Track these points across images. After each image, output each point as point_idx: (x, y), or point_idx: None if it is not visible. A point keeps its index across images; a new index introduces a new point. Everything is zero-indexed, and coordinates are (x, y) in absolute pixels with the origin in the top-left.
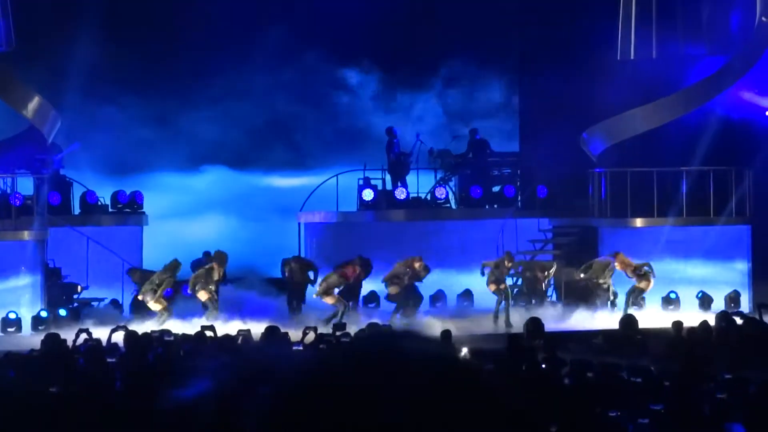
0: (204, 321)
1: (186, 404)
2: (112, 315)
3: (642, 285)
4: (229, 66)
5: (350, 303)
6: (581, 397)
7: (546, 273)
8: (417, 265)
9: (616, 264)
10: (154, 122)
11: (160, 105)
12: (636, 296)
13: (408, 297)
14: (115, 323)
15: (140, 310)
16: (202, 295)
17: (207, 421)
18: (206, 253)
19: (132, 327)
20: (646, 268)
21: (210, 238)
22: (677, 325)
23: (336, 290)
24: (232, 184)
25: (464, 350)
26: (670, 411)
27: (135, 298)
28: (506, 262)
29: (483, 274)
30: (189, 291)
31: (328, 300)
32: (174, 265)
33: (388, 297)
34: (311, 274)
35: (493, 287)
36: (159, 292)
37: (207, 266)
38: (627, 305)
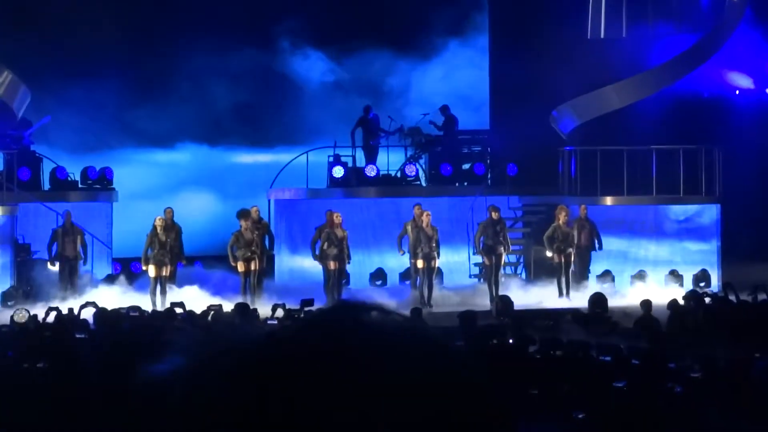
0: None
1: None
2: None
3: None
4: (201, 44)
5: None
6: (549, 373)
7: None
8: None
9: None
10: (126, 99)
11: (132, 82)
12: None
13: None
14: (84, 300)
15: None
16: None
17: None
18: None
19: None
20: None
21: (181, 215)
22: (646, 303)
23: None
24: (204, 162)
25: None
26: (633, 388)
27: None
28: (492, 213)
29: (475, 252)
30: (142, 267)
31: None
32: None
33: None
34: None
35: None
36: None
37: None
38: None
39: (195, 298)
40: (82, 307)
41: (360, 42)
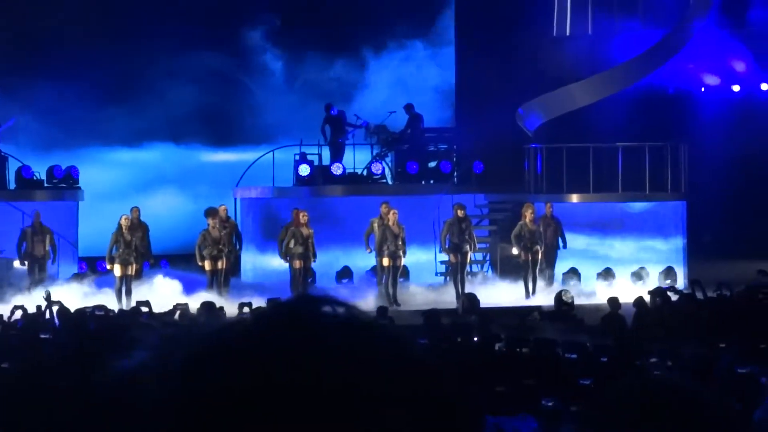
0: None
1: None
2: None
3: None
4: (167, 43)
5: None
6: (515, 370)
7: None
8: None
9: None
10: (92, 98)
11: (98, 81)
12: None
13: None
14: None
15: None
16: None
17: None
18: None
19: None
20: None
21: (148, 214)
22: (613, 300)
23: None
24: (171, 161)
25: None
26: (599, 386)
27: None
28: (458, 211)
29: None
30: (107, 266)
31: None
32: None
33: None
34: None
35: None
36: None
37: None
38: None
39: (161, 297)
40: (48, 306)
41: (327, 40)
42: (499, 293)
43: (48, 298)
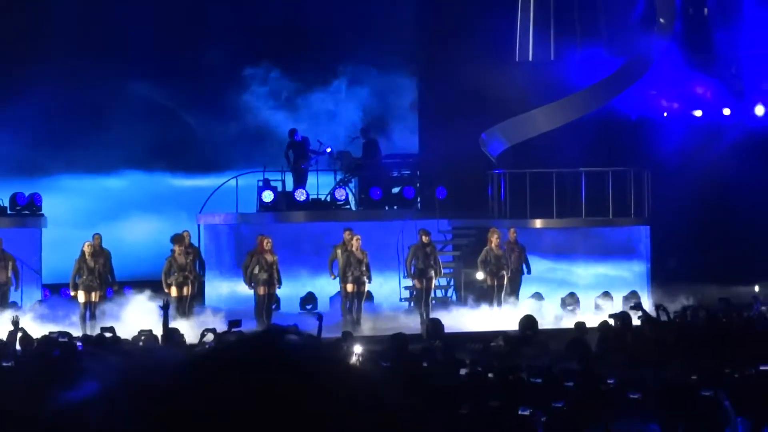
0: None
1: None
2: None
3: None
4: (131, 70)
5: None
6: (479, 394)
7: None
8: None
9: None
10: (55, 125)
11: (61, 108)
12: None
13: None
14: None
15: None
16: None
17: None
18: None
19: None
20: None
21: (111, 240)
22: (580, 325)
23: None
24: (134, 187)
25: (357, 350)
26: (572, 409)
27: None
28: (423, 237)
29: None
30: (71, 293)
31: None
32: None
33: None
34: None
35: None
36: None
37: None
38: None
39: (125, 324)
40: (11, 333)
41: (290, 66)
42: (463, 319)
43: (15, 324)
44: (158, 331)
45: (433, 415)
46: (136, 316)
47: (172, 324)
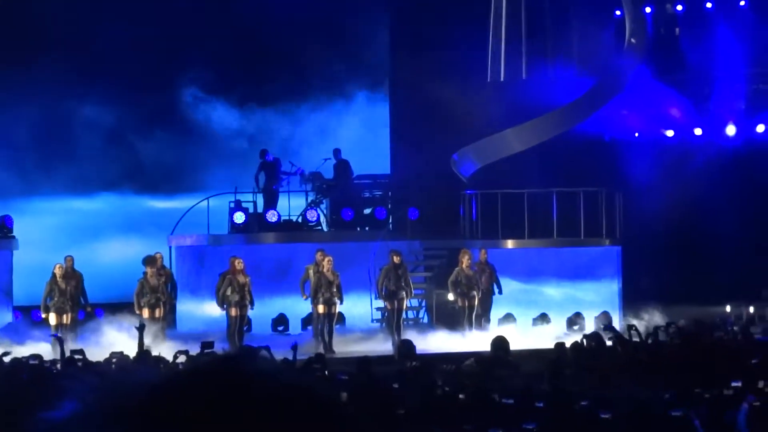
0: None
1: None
2: None
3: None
4: (102, 91)
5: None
6: (452, 415)
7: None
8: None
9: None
10: (24, 146)
11: (31, 129)
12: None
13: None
14: None
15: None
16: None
17: None
18: None
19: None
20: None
21: (82, 262)
22: (559, 346)
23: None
24: (105, 209)
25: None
26: (543, 429)
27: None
28: (394, 258)
29: (378, 296)
30: (42, 315)
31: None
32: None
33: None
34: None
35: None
36: None
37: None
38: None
39: (96, 346)
40: None
41: (261, 88)
42: (435, 340)
43: None
44: (130, 353)
45: None
46: (109, 339)
47: (145, 346)
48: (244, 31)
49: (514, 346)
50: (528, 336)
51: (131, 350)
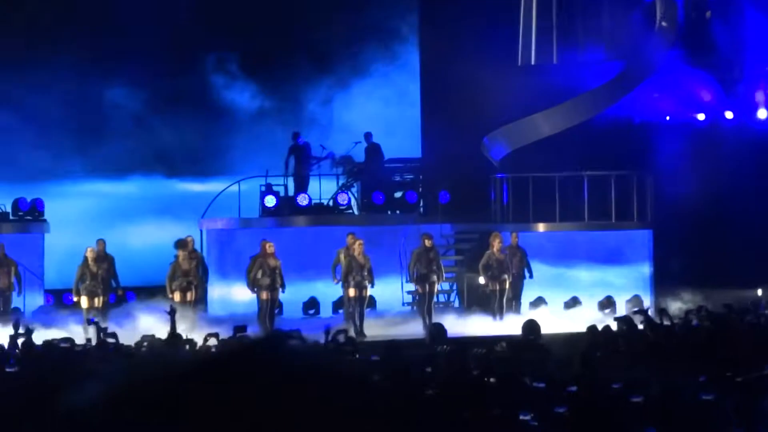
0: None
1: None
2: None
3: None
4: (132, 74)
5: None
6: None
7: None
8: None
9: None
10: (58, 130)
11: (63, 112)
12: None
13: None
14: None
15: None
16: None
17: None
18: None
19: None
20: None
21: (114, 246)
22: (592, 329)
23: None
24: (136, 192)
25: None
26: (574, 414)
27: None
28: (425, 241)
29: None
30: (74, 298)
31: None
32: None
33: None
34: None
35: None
36: None
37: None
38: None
39: (128, 330)
40: (13, 339)
41: (293, 71)
42: (466, 323)
43: (16, 327)
44: (162, 336)
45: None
46: (140, 322)
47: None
48: (276, 13)
49: (545, 330)
50: (559, 320)
51: (163, 333)
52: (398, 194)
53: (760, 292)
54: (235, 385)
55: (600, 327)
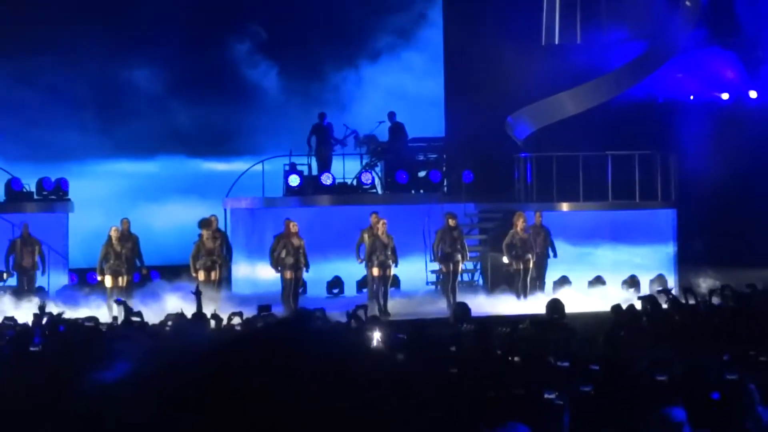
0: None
1: (104, 388)
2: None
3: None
4: (155, 53)
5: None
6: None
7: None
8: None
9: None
10: (81, 109)
11: (86, 92)
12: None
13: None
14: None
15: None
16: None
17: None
18: None
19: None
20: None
21: (137, 225)
22: (616, 309)
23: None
24: (160, 172)
25: (376, 336)
26: (599, 393)
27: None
28: (449, 221)
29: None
30: (98, 277)
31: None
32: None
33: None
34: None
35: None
36: None
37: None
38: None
39: (152, 309)
40: (38, 318)
41: (317, 51)
42: (489, 302)
43: (42, 309)
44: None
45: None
46: (164, 301)
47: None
48: None
49: (569, 309)
50: (583, 299)
51: (187, 313)
52: (422, 173)
53: None
54: (257, 366)
55: (624, 306)
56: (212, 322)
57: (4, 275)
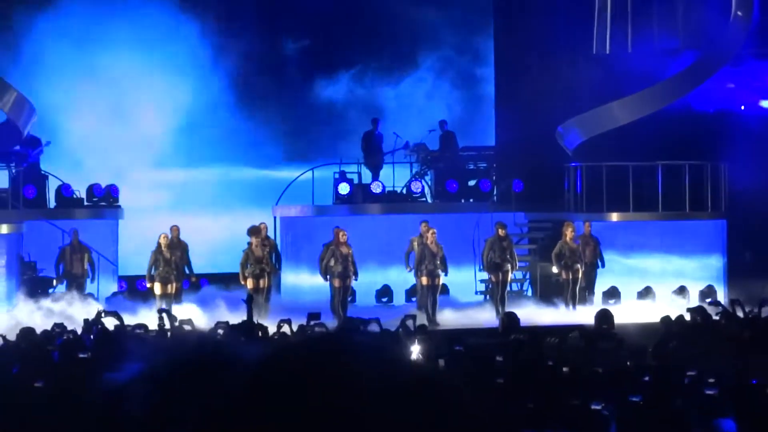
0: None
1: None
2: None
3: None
4: (207, 61)
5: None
6: (558, 390)
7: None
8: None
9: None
10: (131, 117)
11: (138, 99)
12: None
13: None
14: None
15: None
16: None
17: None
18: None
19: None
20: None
21: (187, 232)
22: (666, 320)
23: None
24: (210, 179)
25: (415, 350)
26: (648, 403)
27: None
28: (499, 230)
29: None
30: (147, 284)
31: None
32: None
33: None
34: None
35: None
36: None
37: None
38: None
39: (202, 316)
40: (87, 325)
41: (369, 60)
42: (538, 312)
43: (99, 315)
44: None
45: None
46: (214, 309)
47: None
48: (357, 4)
49: (618, 320)
50: (632, 309)
51: (237, 320)
52: (472, 182)
53: None
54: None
55: (673, 317)
56: (259, 333)
57: (54, 282)
